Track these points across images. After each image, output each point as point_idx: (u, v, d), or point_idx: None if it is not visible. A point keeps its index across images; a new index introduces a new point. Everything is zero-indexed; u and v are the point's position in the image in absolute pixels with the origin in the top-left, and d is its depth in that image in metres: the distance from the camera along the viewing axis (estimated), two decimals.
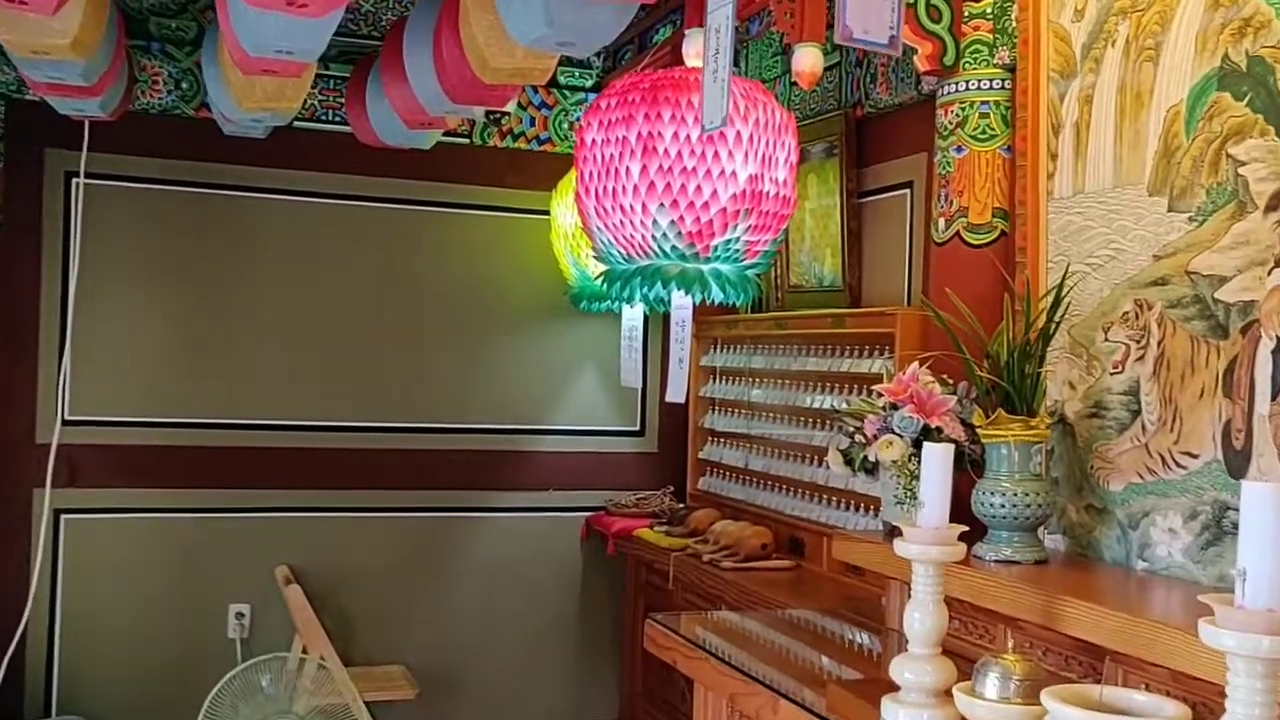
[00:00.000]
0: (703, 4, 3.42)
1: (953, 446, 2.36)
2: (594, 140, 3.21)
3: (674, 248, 3.15)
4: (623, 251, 3.25)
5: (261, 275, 4.95)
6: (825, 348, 4.16)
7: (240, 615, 4.92)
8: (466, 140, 5.11)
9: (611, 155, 3.16)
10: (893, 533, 3.21)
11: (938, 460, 2.29)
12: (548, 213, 4.94)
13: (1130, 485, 2.80)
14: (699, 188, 3.09)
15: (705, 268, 3.20)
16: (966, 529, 2.38)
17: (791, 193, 3.28)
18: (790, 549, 4.28)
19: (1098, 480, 2.90)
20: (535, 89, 5.13)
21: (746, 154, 3.13)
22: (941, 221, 3.50)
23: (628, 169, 3.12)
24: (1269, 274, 2.47)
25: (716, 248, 3.17)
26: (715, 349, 5.06)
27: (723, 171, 3.11)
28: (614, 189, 3.16)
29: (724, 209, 3.12)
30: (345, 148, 4.81)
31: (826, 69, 4.07)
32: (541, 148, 5.23)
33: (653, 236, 3.16)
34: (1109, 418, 2.88)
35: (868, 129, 4.15)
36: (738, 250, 3.22)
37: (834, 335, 4.08)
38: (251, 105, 3.17)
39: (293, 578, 4.75)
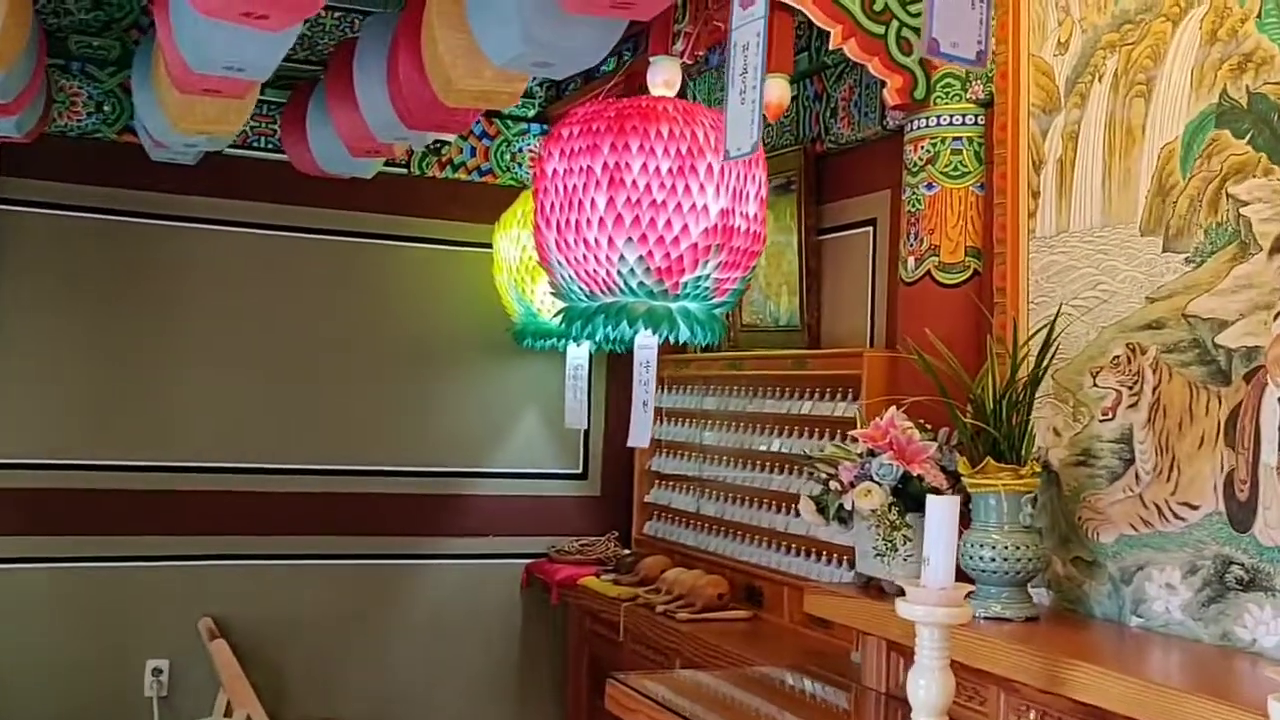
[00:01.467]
0: (666, 34, 3.29)
1: (958, 499, 2.20)
2: (555, 170, 3.05)
3: (641, 284, 3.00)
4: (584, 288, 3.08)
5: (187, 308, 4.68)
6: (784, 390, 4.02)
7: (158, 672, 4.60)
8: (405, 170, 4.90)
9: (575, 186, 2.99)
10: (868, 585, 3.06)
11: (944, 514, 2.14)
12: (490, 246, 4.75)
13: (1123, 537, 2.68)
14: (669, 222, 2.94)
15: (674, 306, 3.05)
16: (972, 588, 2.23)
17: (762, 228, 3.15)
18: (747, 598, 4.11)
19: (1086, 532, 2.78)
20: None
21: (718, 187, 2.99)
22: (911, 260, 3.38)
23: (593, 201, 2.96)
24: (1275, 319, 2.37)
25: (686, 285, 3.02)
26: (664, 390, 4.89)
27: (694, 205, 2.96)
28: (577, 221, 3.00)
29: (695, 244, 2.97)
30: (279, 176, 4.58)
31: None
32: (483, 179, 5.04)
33: (618, 272, 2.99)
34: (1099, 466, 2.77)
35: (828, 165, 4.03)
36: (707, 288, 3.07)
37: (794, 377, 3.93)
38: (189, 128, 2.95)
39: (218, 631, 4.46)
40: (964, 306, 3.27)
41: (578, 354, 4.69)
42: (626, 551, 4.83)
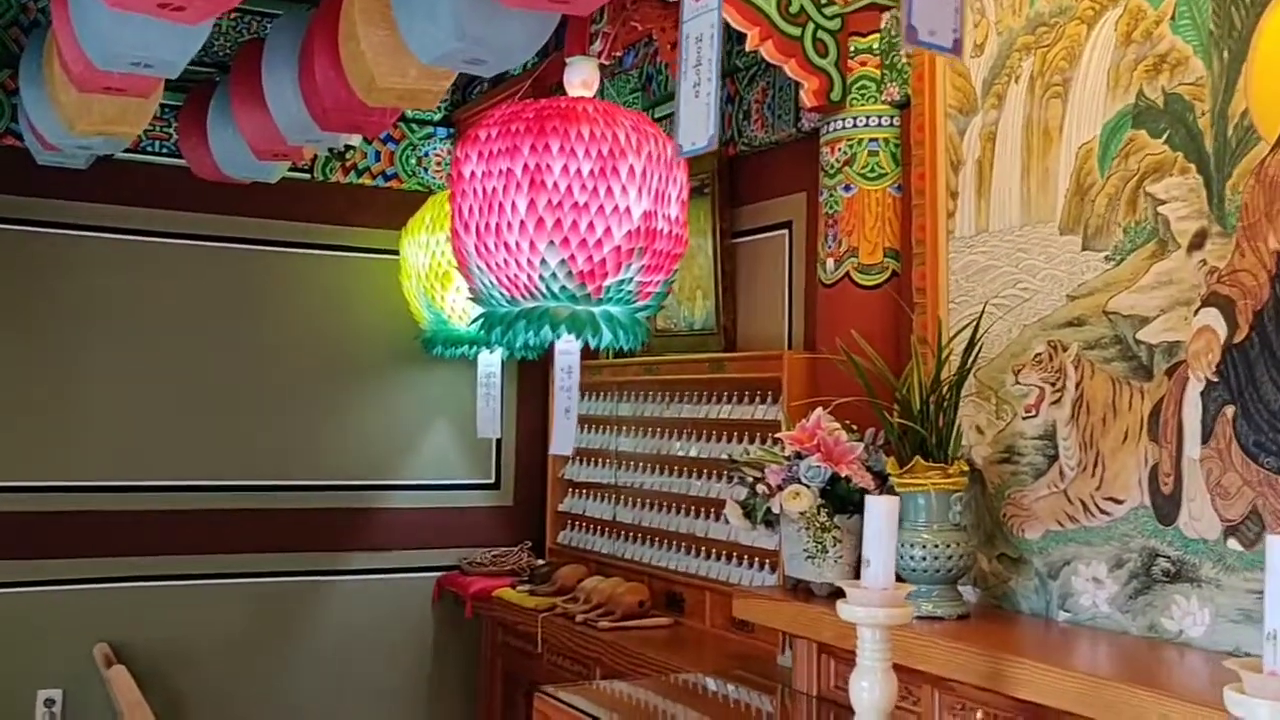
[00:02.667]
0: (584, 34, 3.24)
1: (898, 500, 2.19)
2: (473, 173, 2.97)
3: (563, 288, 2.93)
4: (505, 292, 3.01)
5: (76, 321, 4.48)
6: (701, 394, 3.99)
7: (50, 703, 4.39)
8: (308, 175, 4.77)
9: (494, 189, 2.92)
10: (796, 587, 3.05)
11: (884, 514, 2.13)
12: (397, 253, 4.64)
13: (1049, 533, 2.71)
14: (591, 224, 2.89)
15: (596, 310, 2.99)
16: (912, 588, 2.22)
17: (683, 230, 3.11)
18: (668, 605, 4.07)
19: (1011, 529, 2.80)
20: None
21: (640, 189, 2.94)
22: (830, 262, 3.38)
23: (513, 204, 2.89)
24: (1195, 314, 2.41)
25: (609, 289, 2.97)
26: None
27: (616, 208, 2.91)
28: (497, 225, 2.93)
29: (618, 247, 2.93)
30: (175, 182, 4.43)
31: None
32: (388, 184, 4.93)
33: (540, 277, 2.93)
34: (1023, 463, 2.79)
35: (741, 167, 4.02)
36: (630, 291, 3.03)
37: (711, 380, 3.91)
38: (87, 128, 2.80)
39: (115, 657, 4.26)
40: (883, 307, 3.29)
41: (489, 361, 4.61)
42: (541, 561, 4.76)
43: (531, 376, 5.03)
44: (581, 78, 3.13)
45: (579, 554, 4.66)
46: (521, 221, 2.88)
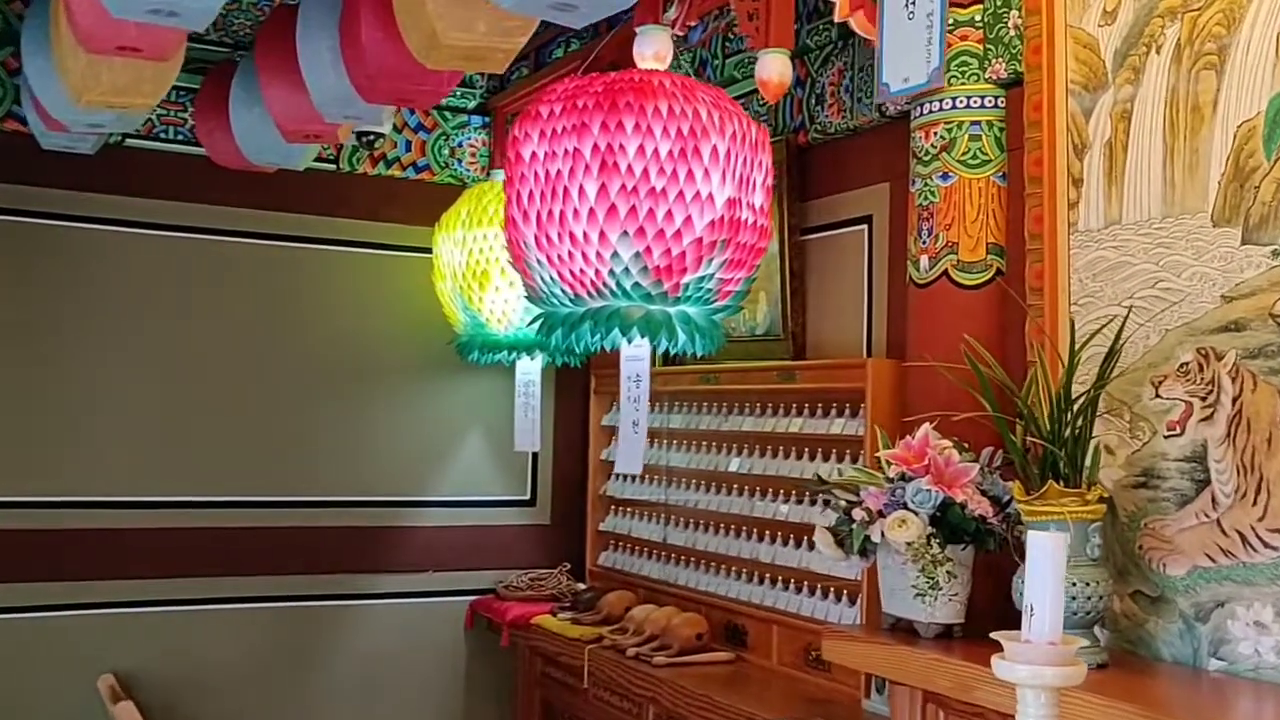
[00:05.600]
0: (657, 0, 2.90)
1: (1066, 536, 1.84)
2: (534, 154, 2.64)
3: (636, 285, 2.59)
4: (568, 290, 2.67)
5: (82, 321, 4.13)
6: (767, 405, 3.64)
7: None
8: (333, 166, 4.42)
9: (558, 172, 2.59)
10: (895, 627, 2.70)
11: (1050, 553, 1.78)
12: (430, 250, 4.29)
13: (1197, 569, 2.37)
14: (669, 213, 2.55)
15: (673, 310, 2.64)
16: (1084, 642, 1.86)
17: (769, 221, 2.78)
18: (728, 638, 3.72)
19: (1149, 563, 2.46)
20: (412, 109, 4.49)
21: (724, 174, 2.61)
22: (924, 259, 3.03)
23: (581, 189, 2.56)
24: None
25: (687, 286, 2.63)
26: (618, 407, 4.48)
27: (697, 194, 2.57)
28: (561, 213, 2.59)
29: (699, 240, 2.59)
30: (190, 171, 4.11)
31: (756, 92, 3.58)
32: (419, 176, 4.58)
33: (610, 272, 2.59)
34: (1164, 488, 2.45)
35: (813, 157, 3.67)
36: (710, 290, 2.69)
37: (780, 391, 3.56)
38: (95, 99, 2.46)
39: (122, 690, 3.91)
40: (988, 309, 2.93)
41: (528, 369, 4.26)
42: (583, 586, 4.40)
43: (570, 385, 4.68)
44: (654, 49, 2.80)
45: (624, 578, 4.31)
46: (590, 209, 2.55)
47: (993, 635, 1.87)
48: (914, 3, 1.65)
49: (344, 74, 2.43)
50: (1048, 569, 1.78)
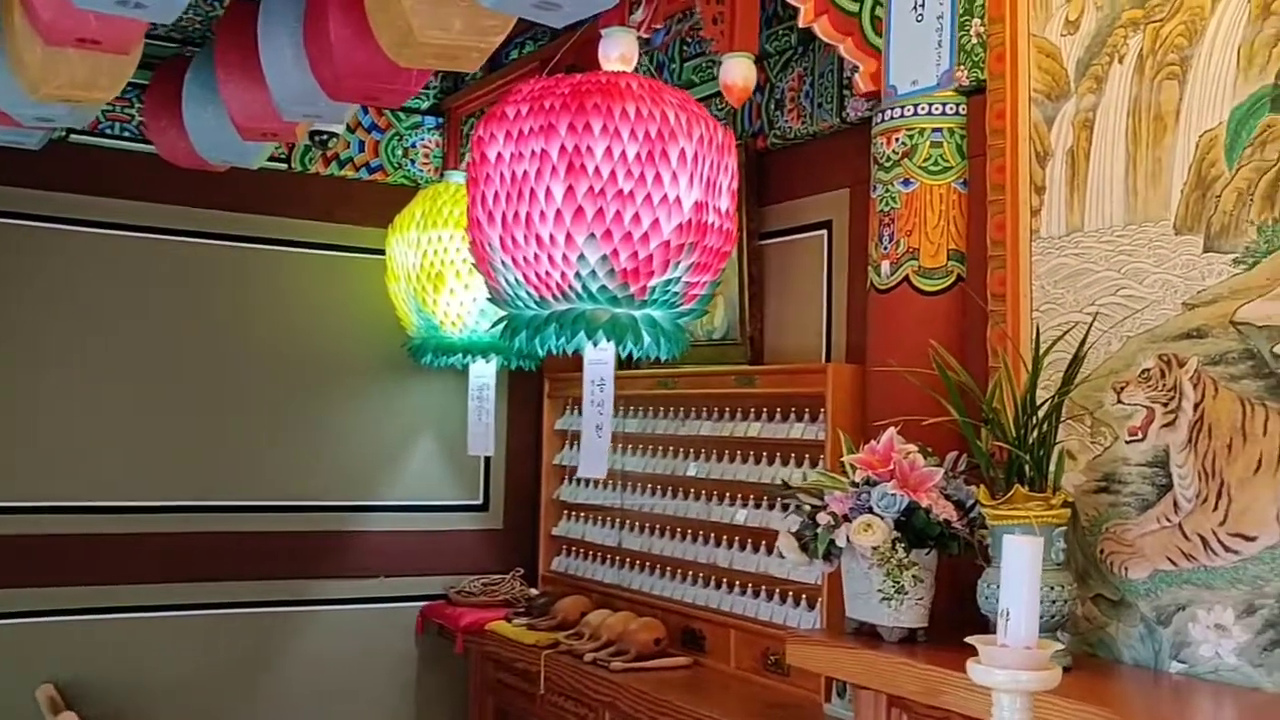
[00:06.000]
0: (624, 2, 2.88)
1: (1041, 541, 1.85)
2: (500, 155, 2.61)
3: (603, 288, 2.58)
4: (533, 292, 2.65)
5: (25, 320, 4.03)
6: (725, 410, 3.64)
7: None
8: (285, 165, 4.35)
9: (525, 173, 2.57)
10: (858, 631, 2.70)
11: (1026, 557, 1.79)
12: (383, 252, 4.24)
13: (1158, 573, 2.39)
14: (637, 216, 2.54)
15: (638, 313, 2.63)
16: (1060, 645, 1.87)
17: (734, 224, 2.77)
18: (685, 643, 3.70)
19: (1111, 567, 2.48)
20: (365, 109, 4.43)
21: (691, 176, 2.60)
22: (885, 265, 3.04)
23: (548, 190, 2.54)
24: None
25: (654, 290, 2.62)
26: (571, 410, 4.47)
27: (665, 197, 2.56)
28: (528, 214, 2.57)
29: (666, 242, 2.58)
30: (139, 169, 4.04)
31: (716, 95, 3.58)
32: (372, 176, 4.53)
33: (577, 274, 2.57)
34: (1125, 493, 2.47)
35: (772, 162, 3.67)
36: (676, 293, 2.68)
37: (738, 396, 3.56)
38: (53, 93, 2.39)
39: (62, 700, 3.82)
40: (948, 315, 2.95)
41: (482, 372, 4.23)
42: (537, 592, 4.37)
43: (525, 389, 4.65)
44: (619, 51, 2.78)
45: (577, 583, 4.28)
46: (557, 211, 2.53)
47: (967, 640, 1.87)
48: (923, 4, 1.65)
49: (308, 71, 2.39)
50: (1024, 573, 1.79)
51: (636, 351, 2.67)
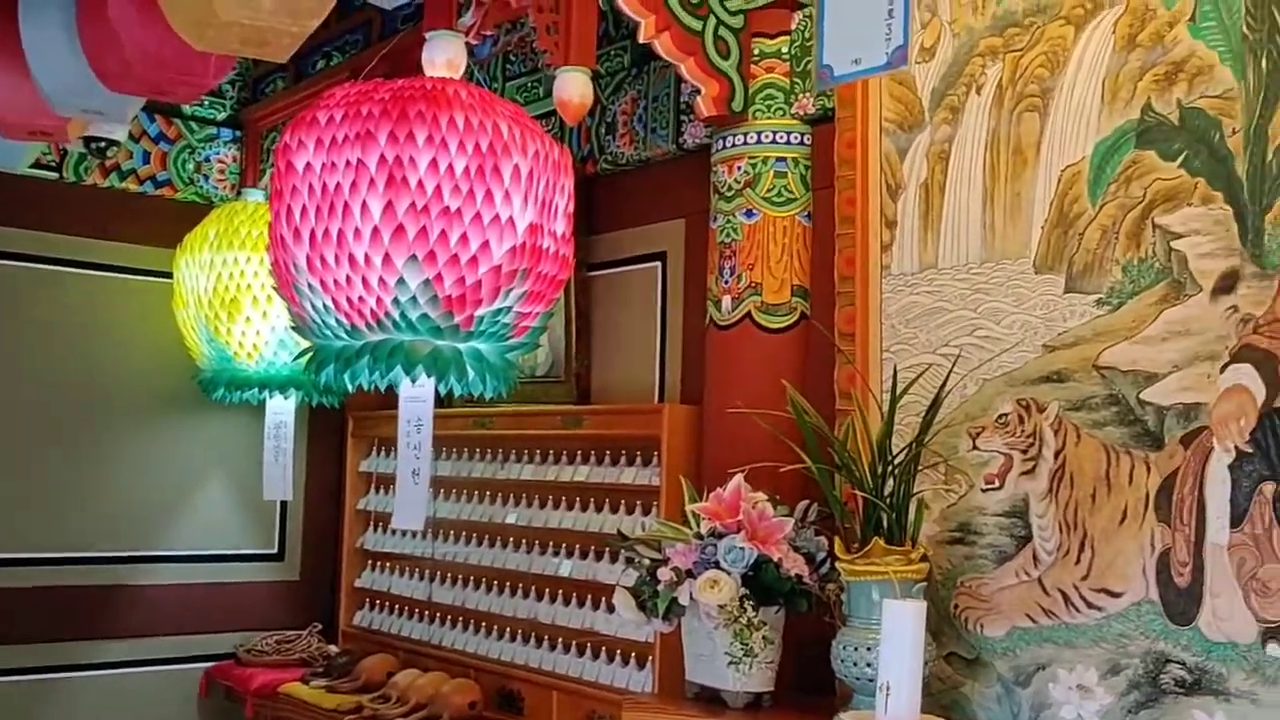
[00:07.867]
0: (449, 4, 2.63)
1: (924, 605, 1.67)
2: (309, 165, 2.31)
3: (424, 317, 2.30)
4: (344, 320, 2.34)
5: None
6: (548, 452, 3.39)
7: None
8: (56, 175, 3.89)
9: (338, 186, 2.27)
10: (700, 696, 2.48)
11: (909, 624, 1.61)
12: (170, 274, 3.83)
13: (1017, 630, 2.27)
14: (465, 237, 2.27)
15: (463, 346, 2.36)
16: None
17: (570, 250, 2.52)
18: (501, 705, 3.41)
19: (965, 623, 2.35)
20: (152, 116, 4.02)
21: (526, 196, 2.35)
22: (726, 300, 2.87)
23: (364, 206, 2.25)
24: (1221, 371, 2.01)
25: (482, 320, 2.35)
26: (378, 451, 4.15)
27: (496, 217, 2.30)
28: (340, 232, 2.27)
29: (497, 268, 2.32)
30: None
31: (543, 116, 3.36)
32: (159, 191, 4.10)
33: (395, 301, 2.29)
34: (982, 544, 2.34)
35: (601, 189, 3.46)
36: (506, 324, 2.42)
37: (564, 437, 3.32)
38: None
39: None
40: (790, 354, 2.80)
41: (280, 409, 3.86)
42: (337, 650, 4.00)
43: (326, 427, 4.28)
44: (446, 56, 2.52)
45: (382, 640, 3.94)
46: (374, 229, 2.24)
47: (842, 717, 1.67)
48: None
49: (82, 58, 2.05)
50: (906, 642, 1.62)
51: (459, 389, 2.39)
